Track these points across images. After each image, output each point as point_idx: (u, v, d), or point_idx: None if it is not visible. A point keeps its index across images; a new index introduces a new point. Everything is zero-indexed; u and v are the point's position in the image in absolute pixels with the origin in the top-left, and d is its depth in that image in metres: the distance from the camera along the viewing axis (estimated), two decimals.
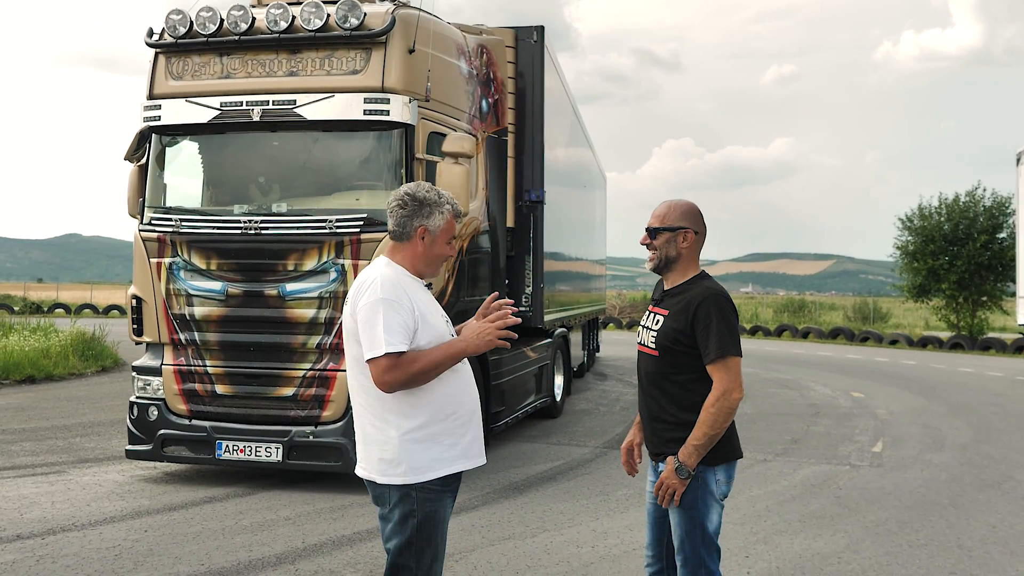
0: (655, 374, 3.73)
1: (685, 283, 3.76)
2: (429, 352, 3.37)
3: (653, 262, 3.82)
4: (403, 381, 3.33)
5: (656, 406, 3.74)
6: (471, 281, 9.15)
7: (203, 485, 8.15)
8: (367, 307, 3.37)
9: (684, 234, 3.74)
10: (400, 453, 3.41)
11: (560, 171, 13.02)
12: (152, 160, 8.40)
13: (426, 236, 3.51)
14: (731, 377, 3.53)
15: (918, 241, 32.69)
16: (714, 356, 3.54)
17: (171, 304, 8.07)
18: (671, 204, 3.82)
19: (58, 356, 17.23)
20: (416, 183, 3.60)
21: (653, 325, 3.78)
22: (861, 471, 9.24)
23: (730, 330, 3.58)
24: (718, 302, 3.61)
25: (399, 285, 3.40)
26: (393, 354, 3.30)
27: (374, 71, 7.86)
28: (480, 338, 3.43)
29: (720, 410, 3.52)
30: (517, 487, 8.25)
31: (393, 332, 3.32)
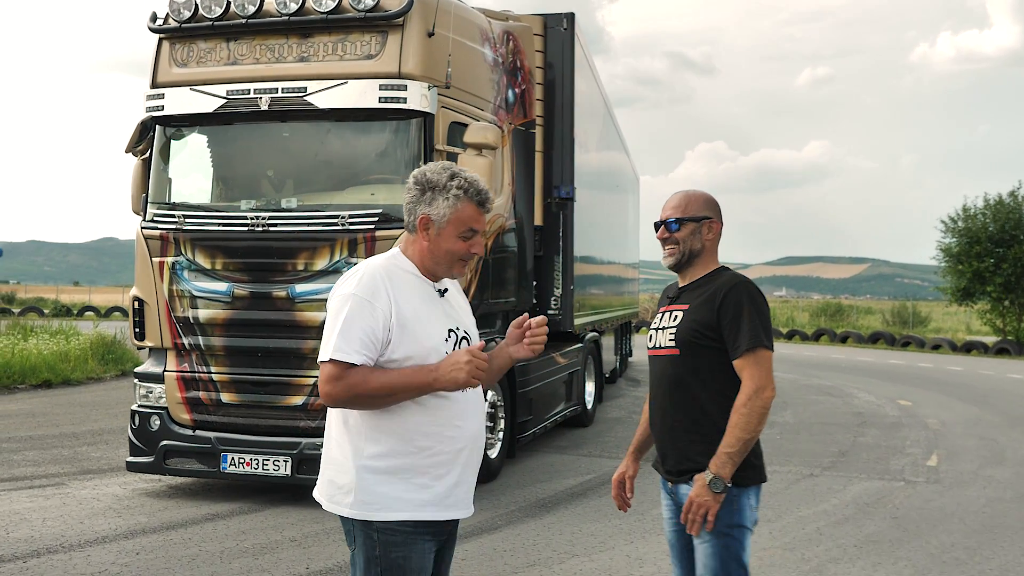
0: (676, 377, 3.27)
1: (705, 277, 3.36)
2: (386, 374, 2.77)
3: (674, 257, 3.38)
4: (345, 398, 2.77)
5: (679, 416, 3.28)
6: (496, 283, 8.55)
7: (207, 500, 7.60)
8: (335, 299, 2.86)
9: (709, 224, 3.36)
10: (353, 480, 2.83)
11: (592, 170, 12.41)
12: (155, 153, 7.88)
13: (429, 227, 2.91)
14: (763, 373, 3.13)
15: (962, 243, 31.64)
16: (744, 348, 3.13)
17: (174, 306, 7.53)
18: (689, 193, 3.42)
19: (77, 360, 16.85)
20: (435, 163, 3.02)
21: (671, 323, 3.34)
22: (918, 488, 8.53)
23: (762, 320, 3.18)
24: (748, 289, 3.23)
25: (383, 282, 2.83)
26: (340, 363, 2.75)
27: (390, 56, 7.29)
28: (451, 375, 2.75)
29: (753, 410, 3.08)
30: (544, 504, 7.63)
31: (349, 337, 2.75)
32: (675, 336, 3.28)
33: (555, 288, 10.30)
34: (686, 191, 3.47)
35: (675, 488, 3.31)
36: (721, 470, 3.08)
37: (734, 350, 3.16)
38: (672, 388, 3.30)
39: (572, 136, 10.35)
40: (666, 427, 3.34)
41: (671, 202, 3.42)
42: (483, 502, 7.55)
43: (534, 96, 9.95)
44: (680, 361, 3.27)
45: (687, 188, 3.50)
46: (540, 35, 10.25)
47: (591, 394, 12.41)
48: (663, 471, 3.39)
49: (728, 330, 3.17)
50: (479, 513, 7.15)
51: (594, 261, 12.82)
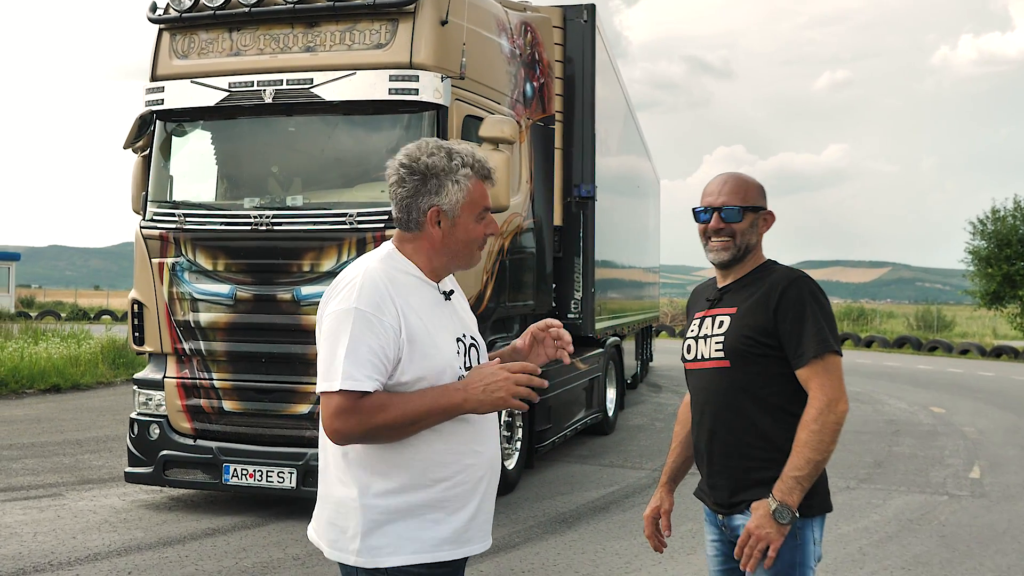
0: (727, 393, 2.81)
1: (752, 273, 2.91)
2: (405, 399, 2.34)
3: (728, 252, 2.87)
4: (359, 434, 2.34)
5: (731, 438, 2.81)
6: (513, 286, 8.13)
7: (208, 513, 7.21)
8: (333, 317, 2.39)
9: (765, 216, 2.94)
10: (358, 522, 2.40)
11: (614, 171, 11.97)
12: (155, 149, 7.50)
13: (442, 219, 2.49)
14: (834, 382, 2.68)
15: (992, 246, 30.98)
16: (812, 355, 2.68)
17: (174, 310, 7.15)
18: (744, 178, 2.95)
19: (87, 364, 16.54)
20: (417, 144, 2.52)
21: (715, 330, 2.86)
22: (963, 502, 8.03)
23: (828, 321, 2.75)
24: (808, 286, 2.78)
25: (386, 291, 2.39)
26: (351, 393, 2.30)
27: (401, 45, 6.89)
28: (487, 394, 2.35)
29: (825, 427, 2.64)
30: (565, 519, 7.19)
31: (358, 361, 2.31)
32: (724, 345, 2.81)
33: (575, 291, 9.87)
34: (737, 174, 2.99)
35: (727, 519, 2.85)
36: (788, 497, 2.63)
37: (797, 358, 2.71)
38: (722, 406, 2.83)
39: (593, 132, 9.93)
40: (716, 451, 2.87)
41: (723, 186, 2.92)
42: (500, 517, 7.13)
43: (553, 90, 9.54)
44: (731, 374, 2.81)
45: (733, 171, 3.02)
46: (559, 27, 9.84)
47: (612, 401, 11.95)
48: (711, 502, 2.93)
49: (789, 335, 2.72)
50: (496, 529, 6.68)
51: (615, 265, 12.38)
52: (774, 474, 2.68)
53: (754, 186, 2.93)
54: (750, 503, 2.72)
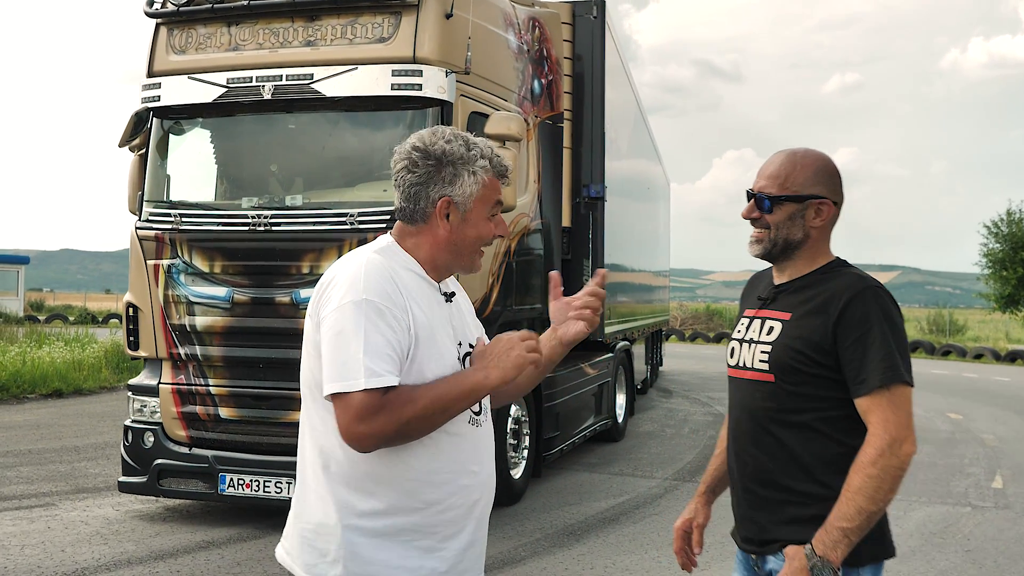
0: (768, 413, 2.41)
1: (816, 272, 2.46)
2: (432, 386, 2.12)
3: (761, 246, 2.49)
4: (390, 434, 2.08)
5: (767, 464, 2.42)
6: (520, 288, 7.87)
7: (203, 524, 6.97)
8: (339, 312, 2.13)
9: (817, 207, 2.43)
10: (340, 546, 2.16)
11: (625, 172, 11.71)
12: (152, 148, 7.26)
13: (452, 212, 2.26)
14: (900, 419, 2.23)
15: (1007, 248, 30.57)
16: (875, 385, 2.24)
17: (169, 313, 6.91)
18: (795, 158, 2.47)
19: (90, 369, 16.33)
20: (431, 129, 2.31)
21: (763, 335, 2.45)
22: (987, 514, 7.74)
23: (899, 344, 2.29)
24: (879, 299, 2.32)
25: (393, 281, 2.16)
26: (376, 390, 2.06)
27: (404, 39, 6.64)
28: (503, 359, 2.18)
29: (886, 472, 2.21)
30: (573, 531, 6.92)
31: (377, 354, 2.07)
32: (769, 357, 2.41)
33: None
34: (792, 153, 2.50)
35: (760, 560, 2.47)
36: (831, 551, 2.22)
37: (858, 385, 2.28)
38: (761, 427, 2.44)
39: (603, 131, 9.67)
40: (748, 477, 2.48)
41: (770, 167, 2.48)
42: (506, 528, 6.87)
43: (562, 88, 9.28)
44: (774, 391, 2.40)
45: (793, 148, 2.53)
46: (568, 23, 9.58)
47: (622, 407, 11.68)
48: (739, 538, 2.57)
49: (850, 356, 2.29)
50: (501, 542, 6.47)
51: (625, 268, 12.12)
52: (814, 512, 2.30)
53: (806, 167, 2.45)
54: (785, 544, 2.34)
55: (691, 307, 51.42)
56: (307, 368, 2.24)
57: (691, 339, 37.43)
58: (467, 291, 2.56)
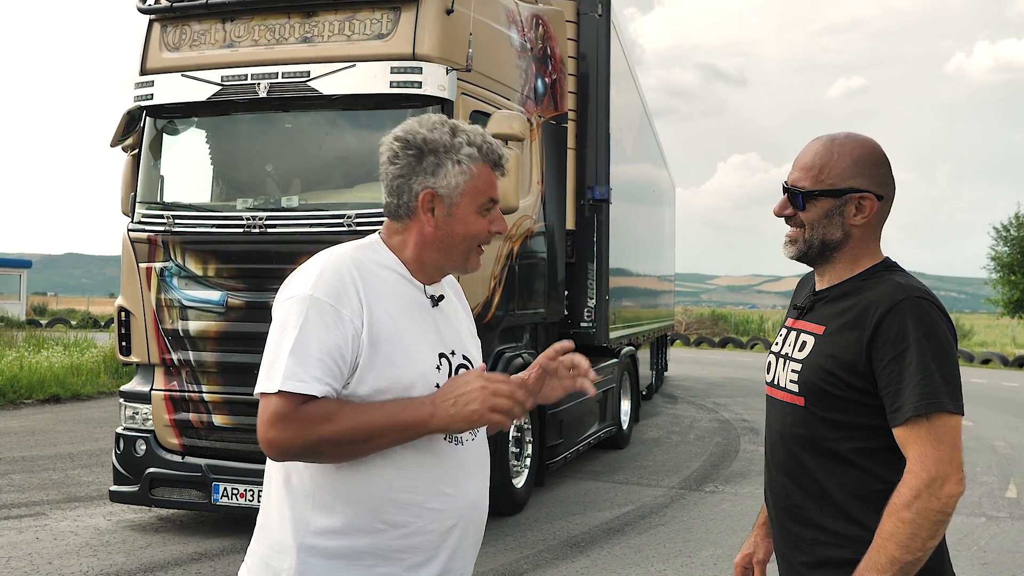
0: (799, 440, 2.13)
1: (854, 279, 2.13)
2: (363, 410, 1.92)
3: (796, 246, 2.17)
4: (299, 447, 1.90)
5: (798, 497, 2.14)
6: (523, 292, 7.67)
7: (196, 535, 6.77)
8: (283, 306, 1.99)
9: (858, 201, 2.10)
10: (291, 566, 1.97)
11: (630, 175, 11.52)
12: (145, 148, 7.07)
13: (436, 205, 2.06)
14: (943, 453, 1.90)
15: (1015, 252, 30.29)
16: (912, 412, 1.92)
17: (162, 318, 6.71)
18: (833, 145, 2.13)
19: (89, 373, 16.16)
20: (418, 118, 2.12)
21: (796, 352, 2.15)
22: (1002, 525, 7.52)
23: (943, 365, 1.94)
24: (920, 311, 1.98)
25: (351, 280, 1.98)
26: (293, 396, 1.88)
27: (404, 35, 6.45)
28: (459, 407, 1.92)
29: (923, 515, 1.89)
30: (577, 543, 6.71)
31: (306, 358, 1.90)
32: (799, 376, 2.11)
33: (588, 298, 9.41)
34: (831, 138, 2.16)
35: None
36: None
37: (894, 413, 1.96)
38: (792, 456, 2.16)
39: (608, 132, 9.48)
40: (780, 512, 2.21)
41: (805, 157, 2.15)
42: (508, 539, 6.66)
43: (566, 88, 9.09)
44: (805, 417, 2.11)
45: (833, 134, 2.19)
46: (573, 22, 9.40)
47: (627, 413, 11.46)
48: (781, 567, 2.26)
49: (886, 379, 1.97)
50: (502, 553, 6.27)
51: (630, 272, 11.92)
52: (848, 556, 2.01)
53: (846, 155, 2.11)
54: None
55: (696, 312, 51.23)
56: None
57: (696, 344, 37.23)
58: (467, 295, 2.36)
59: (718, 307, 72.02)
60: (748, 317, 47.66)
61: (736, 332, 40.81)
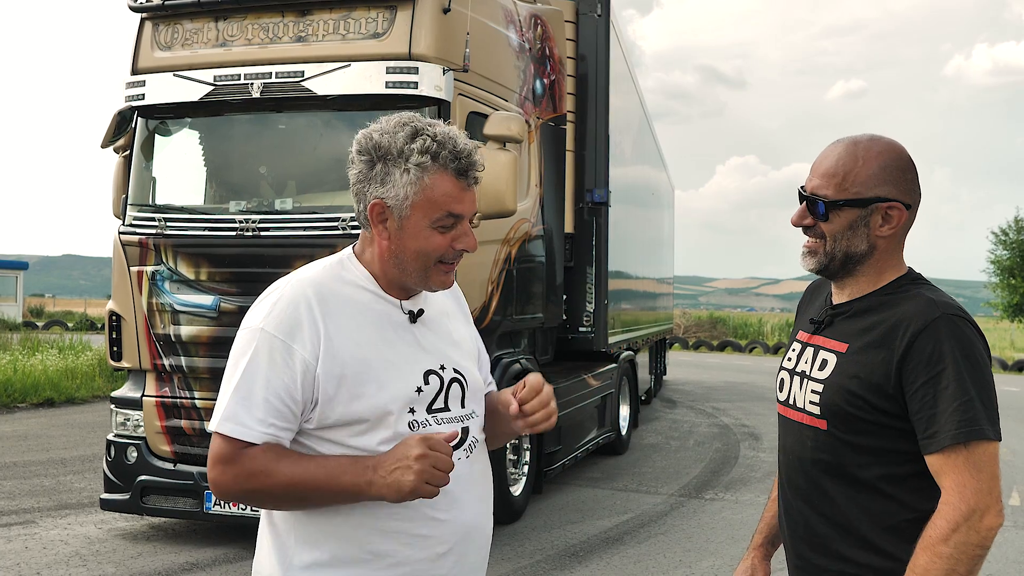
0: (819, 464, 1.99)
1: (878, 293, 1.99)
2: (300, 464, 1.81)
3: (816, 258, 2.01)
4: (237, 493, 1.86)
5: (819, 526, 2.00)
6: (521, 297, 7.55)
7: (189, 544, 6.64)
8: (238, 337, 1.91)
9: (885, 211, 1.95)
10: None
11: (630, 178, 11.41)
12: (136, 149, 6.95)
13: (388, 217, 1.90)
14: (982, 484, 1.78)
15: (1015, 256, 30.19)
16: (950, 440, 1.78)
17: (153, 322, 6.58)
18: (856, 149, 1.96)
19: (84, 377, 16.01)
20: (387, 118, 1.95)
21: (816, 370, 2.00)
22: (1006, 534, 7.39)
23: (981, 389, 1.81)
24: (956, 331, 1.84)
25: (307, 312, 1.85)
26: (231, 440, 1.81)
27: (400, 35, 6.34)
28: (395, 477, 1.77)
29: (960, 551, 1.77)
30: (575, 552, 6.59)
31: (248, 400, 1.80)
32: (821, 398, 1.97)
33: (587, 303, 9.29)
34: (853, 141, 1.98)
35: None
36: None
37: (928, 439, 1.82)
38: (812, 482, 2.02)
39: (607, 134, 9.36)
40: (799, 541, 2.07)
41: (825, 162, 1.98)
42: (505, 548, 6.54)
43: (565, 89, 8.97)
44: (828, 442, 1.97)
45: (855, 136, 2.01)
46: (572, 22, 9.28)
47: (626, 419, 11.33)
48: None
49: (919, 403, 1.83)
50: (499, 563, 6.14)
51: (630, 275, 11.80)
52: None
53: (870, 164, 1.94)
54: None
55: (694, 314, 51.08)
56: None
57: (695, 347, 37.11)
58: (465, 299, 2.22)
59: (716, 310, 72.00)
60: (747, 320, 47.55)
61: (735, 335, 40.69)
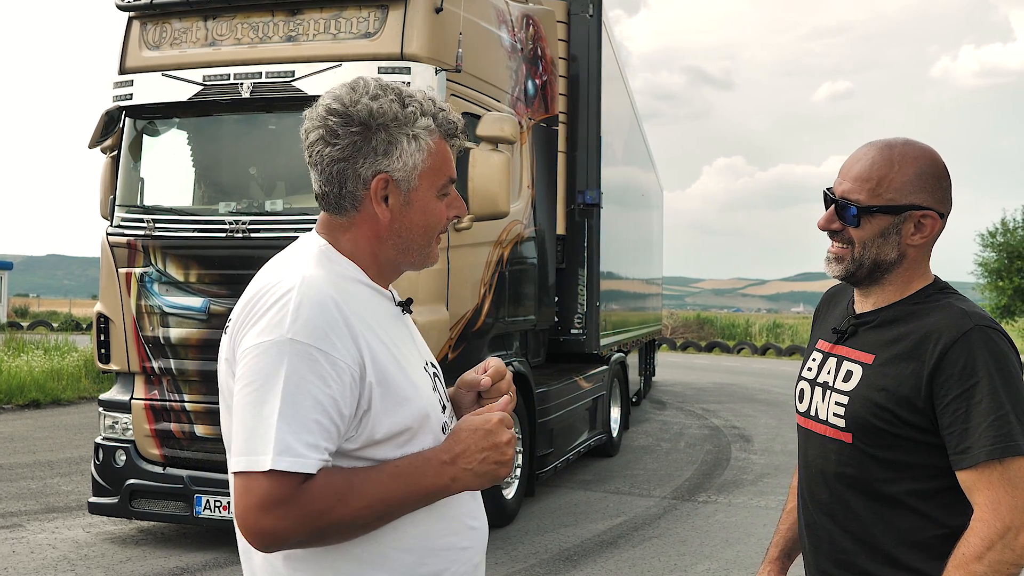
0: (844, 479, 1.93)
1: (905, 302, 1.93)
2: (376, 480, 1.57)
3: (843, 265, 1.95)
4: (301, 536, 1.54)
5: (844, 543, 1.95)
6: (513, 299, 7.51)
7: (179, 549, 6.56)
8: (255, 354, 1.56)
9: (919, 220, 1.89)
10: None
11: (620, 179, 11.37)
12: (124, 149, 6.87)
13: (391, 193, 1.70)
14: (1017, 500, 1.71)
15: (1002, 258, 30.28)
16: (984, 456, 1.72)
17: (142, 325, 6.51)
18: (891, 153, 1.89)
19: (70, 378, 15.87)
20: (350, 83, 1.72)
21: (840, 382, 1.94)
22: None
23: (1018, 404, 1.75)
24: (989, 343, 1.78)
25: (338, 312, 1.58)
26: (289, 476, 1.50)
27: (391, 34, 6.28)
28: (487, 464, 1.62)
29: (995, 568, 1.70)
30: (569, 556, 6.55)
31: (300, 424, 1.51)
32: (846, 411, 1.90)
33: (579, 304, 9.25)
34: (887, 145, 1.92)
35: None
36: None
37: (960, 455, 1.76)
38: (836, 497, 1.95)
39: (599, 135, 9.32)
40: (822, 558, 2.01)
41: (856, 164, 1.92)
42: (498, 553, 6.48)
43: (556, 90, 8.93)
44: (854, 455, 1.91)
45: (889, 140, 1.94)
46: (564, 23, 9.25)
47: (617, 421, 11.30)
48: None
49: (951, 418, 1.77)
50: (492, 568, 6.08)
51: (621, 277, 11.77)
52: None
53: (906, 170, 1.88)
54: None
55: (682, 315, 51.07)
56: (227, 428, 1.65)
57: (683, 348, 37.12)
58: (457, 302, 2.16)
59: (703, 310, 72.04)
60: (734, 321, 47.60)
61: (722, 336, 40.70)
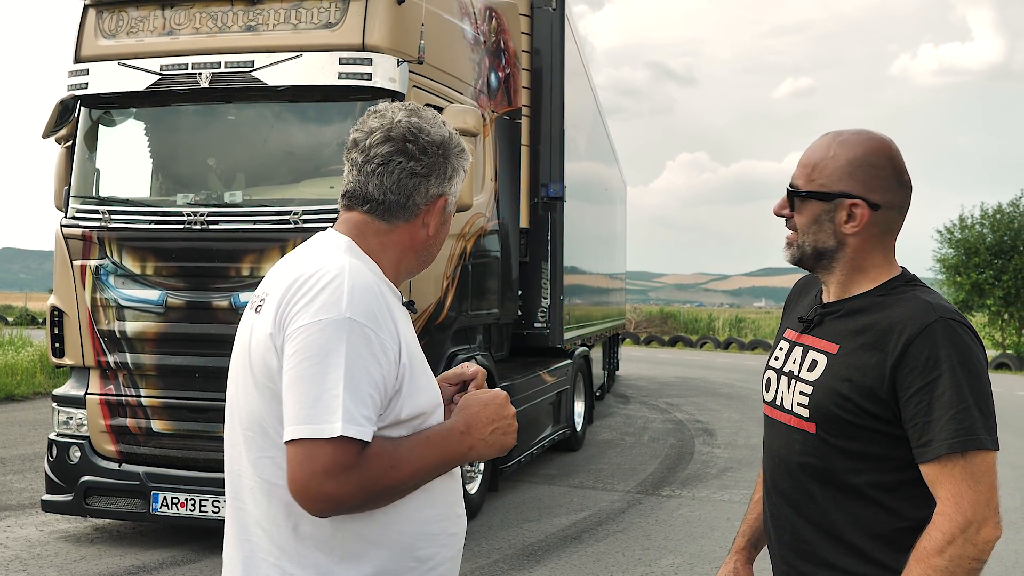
0: (807, 469, 1.93)
1: (870, 293, 1.92)
2: (415, 449, 1.69)
3: (791, 251, 2.00)
4: (359, 500, 1.63)
5: (807, 533, 1.94)
6: (476, 293, 7.46)
7: (134, 547, 6.45)
8: (313, 331, 1.64)
9: (850, 208, 1.89)
10: None
11: (583, 172, 11.36)
12: (79, 139, 6.72)
13: (438, 213, 1.91)
14: (979, 495, 1.71)
15: (960, 254, 30.66)
16: (946, 449, 1.72)
17: (97, 318, 6.37)
18: (834, 142, 1.93)
19: (24, 373, 15.59)
20: (413, 107, 1.89)
21: (805, 371, 1.95)
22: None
23: (981, 398, 1.75)
24: (953, 336, 1.78)
25: (382, 299, 1.73)
26: (353, 443, 1.60)
27: (353, 25, 6.19)
28: (497, 435, 1.82)
29: (956, 563, 1.70)
30: (533, 551, 6.52)
31: (360, 397, 1.62)
32: (810, 400, 1.91)
33: (542, 298, 9.23)
34: (836, 133, 1.96)
35: None
36: None
37: (922, 447, 1.76)
38: (799, 487, 1.95)
39: (562, 128, 9.30)
40: (785, 548, 2.01)
41: (806, 152, 1.98)
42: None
43: (520, 83, 8.89)
44: (817, 446, 1.91)
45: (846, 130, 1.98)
46: (526, 15, 9.21)
47: (581, 415, 11.29)
48: None
49: (913, 410, 1.77)
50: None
51: (584, 271, 11.76)
52: None
53: (839, 158, 1.90)
54: None
55: (645, 310, 51.31)
56: (258, 404, 1.74)
57: (646, 343, 37.28)
58: (419, 296, 2.19)
59: (666, 305, 72.48)
60: (697, 315, 47.93)
61: (685, 331, 40.97)
